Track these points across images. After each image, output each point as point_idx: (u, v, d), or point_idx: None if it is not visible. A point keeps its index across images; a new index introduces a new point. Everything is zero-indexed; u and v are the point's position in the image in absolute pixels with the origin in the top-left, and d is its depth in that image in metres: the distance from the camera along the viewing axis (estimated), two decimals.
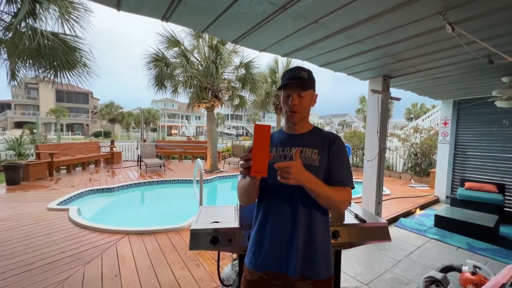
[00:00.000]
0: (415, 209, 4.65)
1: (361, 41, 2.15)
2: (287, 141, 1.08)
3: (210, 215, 1.85)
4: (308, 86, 1.02)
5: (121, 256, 2.62)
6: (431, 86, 3.94)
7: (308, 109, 1.06)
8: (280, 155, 1.07)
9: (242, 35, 2.03)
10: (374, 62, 2.71)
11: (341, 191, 0.98)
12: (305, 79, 1.01)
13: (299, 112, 1.03)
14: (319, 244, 1.01)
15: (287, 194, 1.02)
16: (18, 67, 4.85)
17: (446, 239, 3.41)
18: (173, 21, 1.81)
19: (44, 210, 3.95)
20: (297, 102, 1.01)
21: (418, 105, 34.87)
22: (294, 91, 1.01)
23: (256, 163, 0.78)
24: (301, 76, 1.01)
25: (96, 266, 2.44)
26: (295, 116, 1.04)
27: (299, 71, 1.03)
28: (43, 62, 4.49)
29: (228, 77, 8.25)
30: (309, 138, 1.07)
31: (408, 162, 7.92)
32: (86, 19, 5.06)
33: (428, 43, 2.17)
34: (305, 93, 1.02)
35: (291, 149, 1.05)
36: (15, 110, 35.70)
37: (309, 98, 1.05)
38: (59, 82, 5.06)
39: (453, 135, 5.29)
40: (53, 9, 4.20)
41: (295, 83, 1.01)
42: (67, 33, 4.84)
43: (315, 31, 1.96)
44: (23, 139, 8.99)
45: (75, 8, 4.90)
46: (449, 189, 5.35)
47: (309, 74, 1.04)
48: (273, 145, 1.09)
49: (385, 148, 3.44)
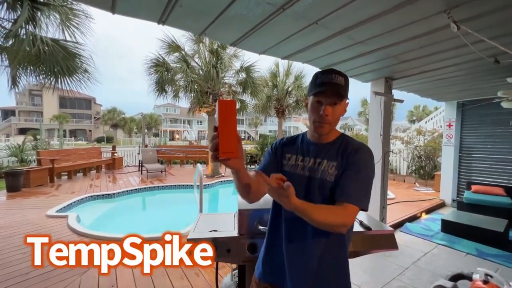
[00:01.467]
0: (420, 213, 4.54)
1: (362, 42, 2.10)
2: (308, 150, 0.99)
3: (209, 223, 1.79)
4: (344, 94, 0.88)
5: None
6: (434, 88, 3.87)
7: (339, 119, 0.93)
8: (298, 164, 0.98)
9: (241, 37, 1.99)
10: (376, 63, 2.66)
11: (337, 210, 0.82)
12: (342, 86, 0.87)
13: (329, 124, 0.90)
14: (334, 266, 0.93)
15: (305, 199, 0.95)
16: (19, 73, 4.87)
17: (454, 245, 3.30)
18: (170, 24, 1.77)
19: (43, 217, 3.90)
20: (330, 113, 0.88)
21: (420, 107, 34.71)
22: (328, 100, 0.87)
23: (224, 143, 0.69)
24: (338, 82, 0.87)
25: (93, 276, 2.37)
26: (325, 128, 0.91)
27: (335, 75, 0.87)
28: (43, 68, 4.50)
29: (229, 82, 8.26)
30: (331, 149, 0.95)
31: (412, 165, 7.81)
32: (87, 25, 5.11)
33: (432, 43, 2.12)
34: (340, 102, 0.89)
35: (310, 160, 0.96)
36: (19, 116, 36.07)
37: (343, 108, 0.92)
38: (60, 88, 5.08)
39: (458, 137, 5.19)
40: (53, 16, 4.21)
41: (330, 90, 0.86)
42: (68, 39, 4.88)
43: (315, 32, 1.91)
44: (25, 145, 9.05)
45: (76, 15, 4.94)
46: (455, 192, 5.23)
47: (345, 80, 0.90)
48: (294, 152, 1.02)
49: (389, 151, 3.36)
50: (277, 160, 1.05)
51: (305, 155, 0.99)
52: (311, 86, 0.93)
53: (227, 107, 0.70)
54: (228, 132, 0.70)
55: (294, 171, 0.99)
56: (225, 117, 0.69)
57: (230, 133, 0.70)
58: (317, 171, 0.94)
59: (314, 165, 0.96)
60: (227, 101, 0.71)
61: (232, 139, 0.70)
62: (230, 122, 0.70)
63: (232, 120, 0.70)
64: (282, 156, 1.04)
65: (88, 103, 41.10)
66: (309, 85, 0.98)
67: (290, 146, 1.06)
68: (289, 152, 1.04)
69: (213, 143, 0.71)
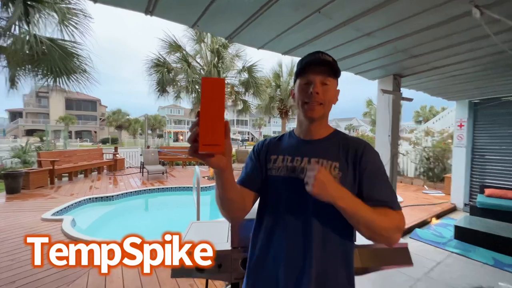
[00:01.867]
0: (430, 218, 4.30)
1: (369, 34, 1.92)
2: (298, 149, 0.84)
3: (200, 233, 1.63)
4: (335, 71, 0.79)
5: (109, 274, 2.41)
6: (445, 86, 3.65)
7: (331, 105, 0.83)
8: (287, 166, 0.82)
9: (236, 29, 1.83)
10: (384, 59, 2.47)
11: (390, 214, 0.71)
12: (332, 63, 0.78)
13: (323, 104, 0.78)
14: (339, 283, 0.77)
15: (298, 212, 0.78)
16: (18, 74, 4.81)
17: (469, 254, 3.07)
18: (158, 14, 1.63)
19: (38, 221, 3.79)
20: (321, 90, 0.77)
21: (427, 108, 34.09)
22: (317, 78, 0.78)
23: (206, 131, 0.53)
24: (326, 59, 0.78)
25: (81, 286, 2.23)
26: (317, 109, 0.78)
27: (322, 54, 0.79)
28: (41, 68, 4.42)
29: (231, 82, 8.12)
30: (328, 146, 0.82)
31: (420, 166, 7.53)
32: (86, 24, 5.03)
33: (447, 35, 1.92)
34: (330, 80, 0.79)
35: (302, 160, 0.81)
36: (26, 118, 36.63)
37: (334, 90, 0.82)
38: (61, 88, 5.00)
39: (470, 138, 4.94)
40: (48, 14, 4.13)
41: (319, 67, 0.78)
42: (67, 38, 4.80)
43: (318, 23, 1.74)
44: (28, 146, 9.05)
45: (74, 14, 4.86)
46: (467, 196, 4.97)
47: (334, 61, 0.81)
48: (280, 152, 0.86)
49: (397, 152, 3.16)
50: (261, 164, 0.88)
51: (294, 154, 0.84)
52: (297, 70, 0.83)
53: (214, 86, 0.54)
54: (213, 118, 0.53)
55: (282, 174, 0.83)
56: (210, 99, 0.53)
57: (216, 120, 0.53)
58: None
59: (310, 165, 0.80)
60: (213, 78, 0.54)
61: (217, 127, 0.54)
62: (215, 105, 0.54)
63: (218, 103, 0.54)
64: (267, 158, 0.88)
65: (94, 104, 41.53)
66: (294, 74, 0.86)
67: (275, 146, 0.90)
68: (274, 153, 0.88)
69: (192, 132, 0.56)
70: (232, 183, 0.71)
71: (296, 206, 0.79)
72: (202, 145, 0.53)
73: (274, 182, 0.84)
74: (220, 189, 0.70)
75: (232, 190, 0.72)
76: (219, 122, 0.54)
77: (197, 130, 0.54)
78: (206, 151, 0.54)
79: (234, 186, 0.73)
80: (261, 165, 0.88)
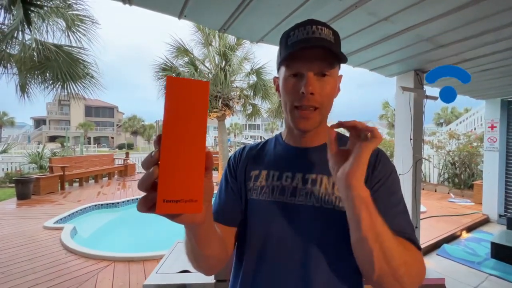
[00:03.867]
0: (460, 232, 3.82)
1: (387, 18, 1.62)
2: (288, 161, 0.60)
3: (184, 256, 1.38)
4: (339, 57, 0.52)
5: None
6: (475, 82, 3.22)
7: (332, 102, 0.58)
8: (273, 186, 0.57)
9: (230, 18, 1.60)
10: (404, 50, 2.14)
11: (412, 250, 0.48)
12: (332, 43, 0.52)
13: (319, 109, 0.54)
14: None
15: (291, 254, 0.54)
16: (28, 80, 4.87)
17: (510, 277, 2.61)
18: (137, 3, 1.42)
19: (39, 229, 3.72)
20: (317, 89, 0.52)
21: (448, 109, 32.40)
22: (311, 67, 0.52)
23: (171, 176, 0.30)
24: (323, 36, 0.52)
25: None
26: (312, 119, 0.54)
27: (318, 27, 0.53)
28: (47, 74, 4.44)
29: (240, 85, 7.95)
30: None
31: (444, 172, 6.93)
32: (93, 31, 5.04)
33: (483, 17, 1.59)
34: (330, 71, 0.53)
35: (294, 177, 0.57)
36: (49, 125, 38.57)
37: (336, 81, 0.57)
38: (67, 94, 5.03)
39: (504, 140, 4.40)
40: (55, 21, 4.14)
41: (312, 50, 0.51)
42: (74, 44, 4.83)
43: (324, 7, 1.47)
44: (44, 152, 9.31)
45: (82, 21, 4.88)
46: (502, 206, 4.41)
47: (334, 34, 0.55)
48: (263, 166, 0.61)
49: (421, 158, 2.78)
50: (239, 186, 0.63)
51: (283, 168, 0.59)
52: (281, 51, 0.56)
53: (189, 92, 0.31)
54: (186, 151, 0.30)
55: (266, 198, 0.58)
56: (182, 115, 0.30)
57: (191, 154, 0.31)
58: (311, 195, 0.54)
59: (305, 184, 0.56)
60: (188, 80, 0.31)
61: (192, 170, 0.31)
62: (191, 127, 0.30)
63: (196, 122, 0.31)
64: (246, 176, 0.62)
65: (111, 111, 43.12)
66: (277, 54, 0.60)
67: (257, 157, 0.64)
68: (256, 167, 0.62)
69: (146, 174, 0.32)
70: (211, 237, 0.47)
71: (289, 244, 0.54)
72: (162, 201, 0.30)
73: (256, 208, 0.59)
74: (193, 244, 0.46)
75: (211, 244, 0.49)
76: (196, 161, 0.31)
77: (155, 172, 0.30)
78: (169, 212, 0.31)
79: (214, 239, 0.49)
80: (239, 187, 0.63)
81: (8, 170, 8.77)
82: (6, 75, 4.38)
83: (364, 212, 0.41)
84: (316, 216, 0.54)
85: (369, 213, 0.41)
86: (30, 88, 5.07)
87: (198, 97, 0.31)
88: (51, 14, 4.00)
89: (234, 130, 42.37)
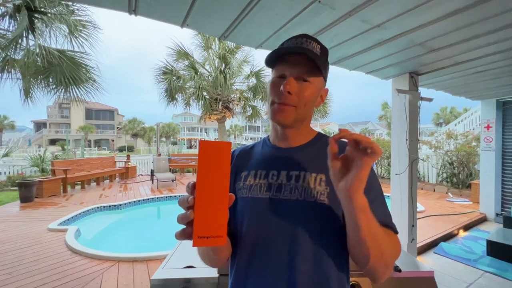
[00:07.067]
0: (457, 230, 3.88)
1: (379, 25, 1.69)
2: (273, 160, 0.66)
3: (188, 253, 1.44)
4: (319, 67, 0.59)
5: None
6: (470, 83, 3.30)
7: (311, 106, 0.64)
8: (260, 184, 0.63)
9: (230, 26, 1.68)
10: (398, 54, 2.22)
11: (394, 239, 0.58)
12: (316, 54, 0.59)
13: (294, 106, 0.60)
14: None
15: (276, 247, 0.59)
16: (32, 84, 4.95)
17: (505, 274, 2.67)
18: (142, 14, 1.50)
19: (44, 231, 3.78)
20: (295, 89, 0.59)
21: (447, 109, 32.49)
22: (292, 71, 0.60)
23: (203, 218, 0.40)
24: (310, 48, 0.60)
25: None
26: (286, 112, 0.60)
27: (307, 40, 0.62)
28: (50, 78, 4.52)
29: (240, 88, 8.03)
30: (311, 155, 0.65)
31: (443, 172, 7.00)
32: (95, 36, 5.13)
33: (472, 22, 1.66)
34: (311, 78, 0.60)
35: (279, 175, 0.63)
36: (50, 128, 38.67)
37: (316, 89, 0.62)
38: (70, 98, 5.11)
39: (500, 140, 4.47)
40: (57, 26, 4.22)
41: (296, 57, 0.59)
42: (77, 49, 4.91)
43: (319, 15, 1.55)
44: (45, 155, 9.37)
45: (84, 26, 4.97)
46: (498, 205, 4.48)
47: (322, 50, 0.63)
48: (252, 166, 0.67)
49: (416, 158, 2.85)
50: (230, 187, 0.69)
51: (269, 167, 0.65)
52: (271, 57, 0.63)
53: (216, 153, 0.41)
54: (214, 201, 0.41)
55: (254, 195, 0.64)
56: (211, 171, 0.41)
57: (217, 202, 0.41)
58: (295, 190, 0.60)
59: (289, 181, 0.62)
60: (215, 142, 0.41)
61: (219, 214, 0.41)
62: (218, 181, 0.41)
63: (221, 177, 0.41)
64: (236, 177, 0.69)
65: (112, 114, 43.22)
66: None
67: (246, 158, 0.71)
68: (245, 168, 0.69)
69: (185, 214, 0.42)
70: (225, 247, 0.61)
71: (276, 236, 0.60)
72: (196, 238, 0.40)
73: (245, 206, 0.65)
74: (210, 254, 0.61)
75: (225, 250, 0.62)
76: (222, 206, 0.41)
77: (191, 214, 0.41)
78: (202, 246, 0.41)
79: (227, 246, 0.63)
80: (231, 188, 0.69)
81: (10, 174, 8.83)
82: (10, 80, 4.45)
83: (363, 218, 0.47)
84: (299, 209, 0.59)
85: (367, 219, 0.48)
86: (34, 92, 5.16)
87: (222, 154, 0.41)
88: (55, 20, 4.08)
89: (234, 132, 42.46)
